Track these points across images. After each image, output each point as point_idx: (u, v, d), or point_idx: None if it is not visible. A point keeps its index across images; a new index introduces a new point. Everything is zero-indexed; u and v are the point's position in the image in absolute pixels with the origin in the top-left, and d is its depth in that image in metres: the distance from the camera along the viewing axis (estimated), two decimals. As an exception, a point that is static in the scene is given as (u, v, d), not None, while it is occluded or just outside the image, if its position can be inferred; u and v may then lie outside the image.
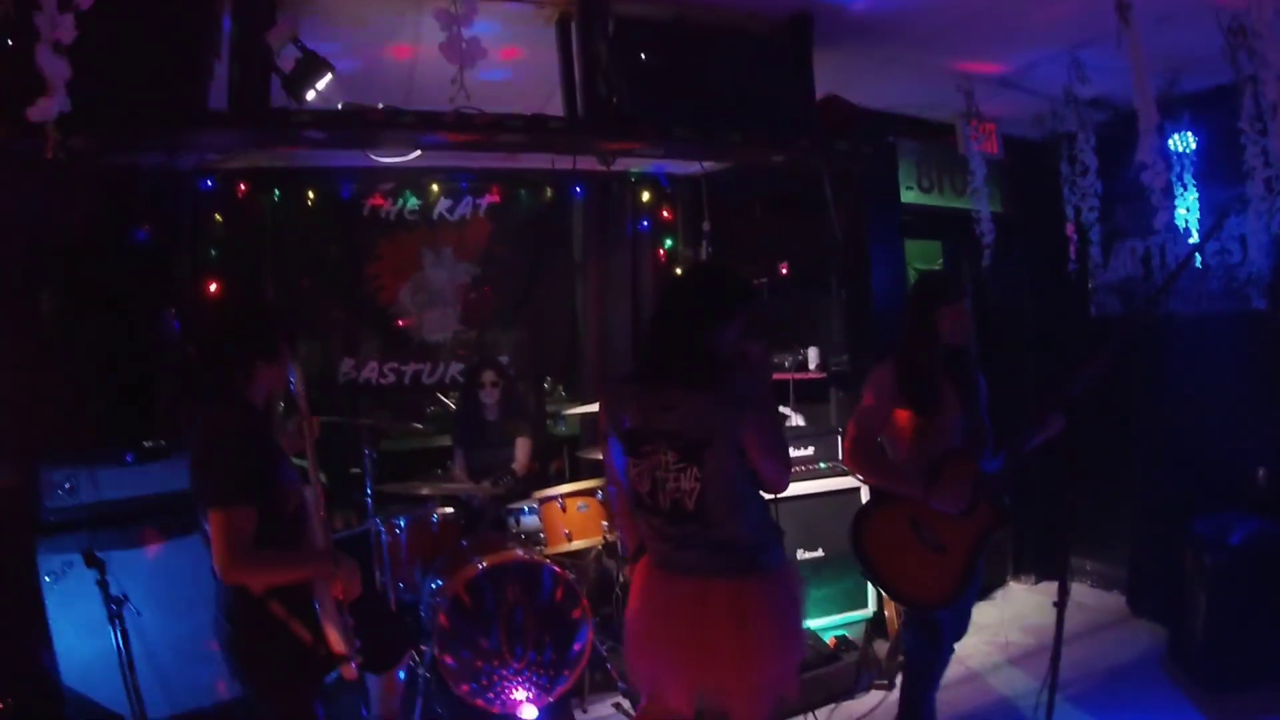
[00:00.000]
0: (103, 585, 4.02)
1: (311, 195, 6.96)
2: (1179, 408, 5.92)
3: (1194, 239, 5.51)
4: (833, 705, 4.99)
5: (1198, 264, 5.66)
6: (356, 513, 5.68)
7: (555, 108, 4.57)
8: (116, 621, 4.03)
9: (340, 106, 4.21)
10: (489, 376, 6.18)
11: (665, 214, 7.85)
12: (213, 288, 6.37)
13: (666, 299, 3.34)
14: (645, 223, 7.78)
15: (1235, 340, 5.57)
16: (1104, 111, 5.57)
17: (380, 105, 4.23)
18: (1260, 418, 5.43)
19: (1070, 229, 5.72)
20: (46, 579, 4.40)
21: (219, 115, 3.94)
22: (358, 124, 4.20)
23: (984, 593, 6.46)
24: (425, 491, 5.47)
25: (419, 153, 5.00)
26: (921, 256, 7.11)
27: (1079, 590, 6.55)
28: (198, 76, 3.82)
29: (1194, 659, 4.98)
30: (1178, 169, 5.44)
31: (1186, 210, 5.45)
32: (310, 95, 4.08)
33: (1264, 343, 5.44)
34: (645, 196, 7.73)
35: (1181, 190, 5.45)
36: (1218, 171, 5.34)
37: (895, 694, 4.33)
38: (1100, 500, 6.11)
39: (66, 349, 5.27)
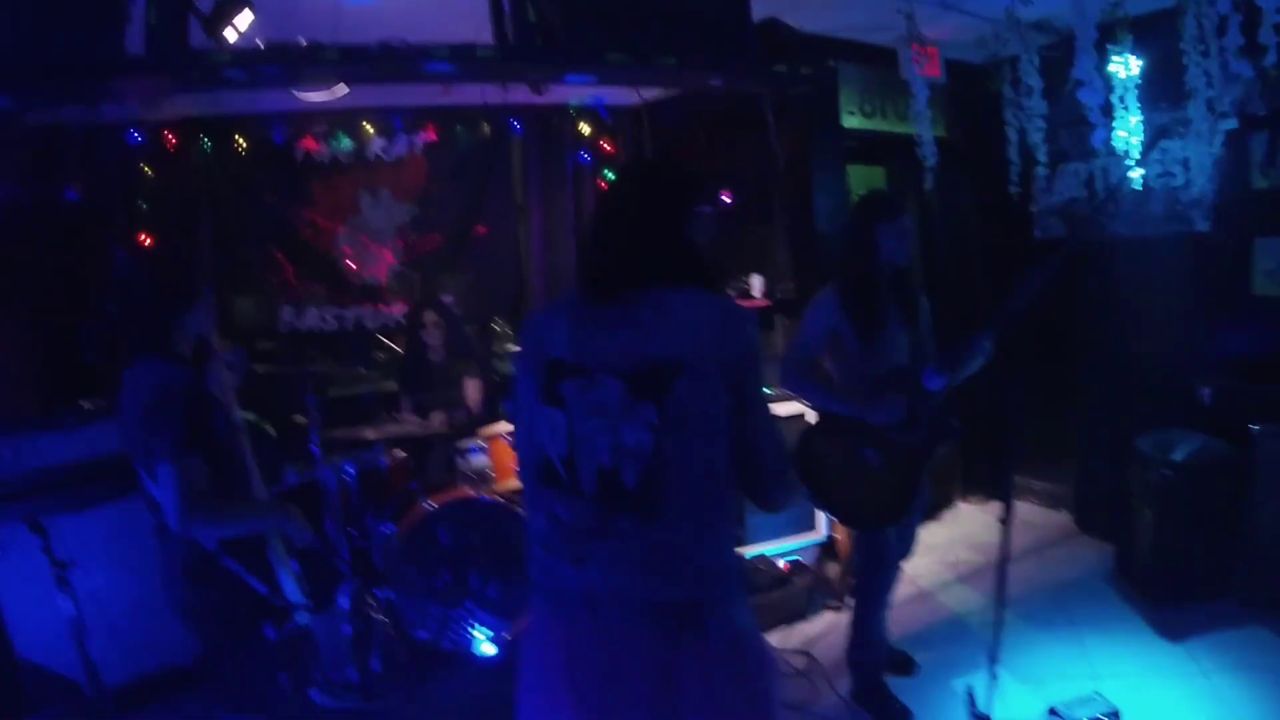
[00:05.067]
0: (48, 552, 3.95)
1: (243, 142, 6.81)
2: (1124, 328, 5.98)
3: (1134, 162, 5.53)
4: (785, 627, 5.08)
5: (1138, 186, 5.70)
6: (305, 461, 5.62)
7: (487, 39, 4.46)
8: (65, 588, 3.97)
9: (261, 44, 4.08)
10: (430, 317, 6.09)
11: (606, 146, 7.71)
12: (146, 242, 6.23)
13: (618, 199, 2.25)
14: (586, 155, 7.65)
15: (1178, 262, 5.63)
16: (1047, 34, 5.54)
17: (303, 41, 4.10)
18: (1203, 337, 5.52)
19: (1012, 152, 5.72)
20: (-6, 551, 4.31)
21: (138, 61, 3.83)
22: (280, 60, 4.09)
23: (933, 512, 6.56)
24: (372, 436, 5.40)
25: (346, 90, 4.88)
26: (865, 182, 7.08)
27: (1026, 509, 6.66)
28: (114, 21, 3.69)
29: (1140, 574, 5.09)
30: (1120, 92, 5.42)
31: (1128, 133, 5.44)
32: (231, 35, 3.98)
33: (1206, 264, 5.51)
34: (585, 129, 7.60)
35: (1124, 113, 5.43)
36: (1162, 94, 5.34)
37: (847, 614, 4.37)
38: (1047, 420, 6.18)
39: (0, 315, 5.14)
